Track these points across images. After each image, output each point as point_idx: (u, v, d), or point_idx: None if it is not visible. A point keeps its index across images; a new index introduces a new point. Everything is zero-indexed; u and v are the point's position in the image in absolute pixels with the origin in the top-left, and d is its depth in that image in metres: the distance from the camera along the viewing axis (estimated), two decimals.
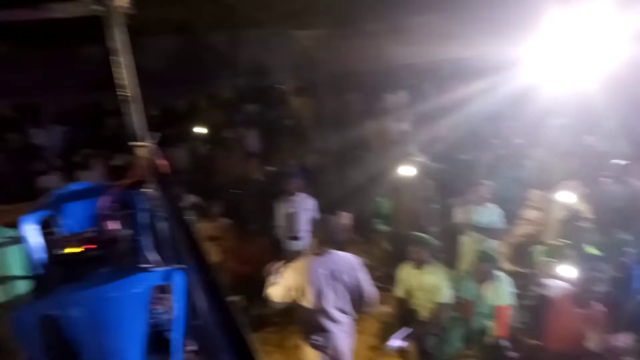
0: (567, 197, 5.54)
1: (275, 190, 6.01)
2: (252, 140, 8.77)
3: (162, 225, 1.83)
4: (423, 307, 4.38)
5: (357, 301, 3.66)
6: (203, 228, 5.69)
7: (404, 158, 6.78)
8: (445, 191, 6.31)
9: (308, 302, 3.53)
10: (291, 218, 5.52)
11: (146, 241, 1.75)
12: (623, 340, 4.14)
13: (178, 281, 1.64)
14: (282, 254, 5.75)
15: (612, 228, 4.85)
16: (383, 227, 6.52)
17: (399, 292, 4.51)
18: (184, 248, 1.80)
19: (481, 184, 5.51)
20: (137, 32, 2.09)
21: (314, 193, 5.85)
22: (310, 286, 3.51)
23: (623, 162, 6.01)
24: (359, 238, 5.48)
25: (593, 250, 4.63)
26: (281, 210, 5.64)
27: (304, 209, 5.58)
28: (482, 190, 5.41)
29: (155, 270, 1.66)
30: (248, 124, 9.03)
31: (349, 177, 7.32)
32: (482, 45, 8.15)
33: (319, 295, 3.52)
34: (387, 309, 5.07)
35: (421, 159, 7.07)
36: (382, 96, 9.57)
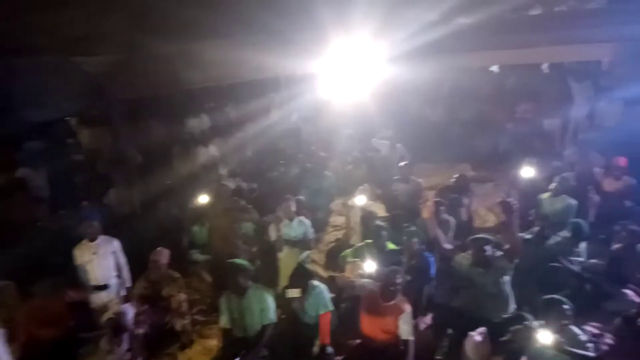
0: (363, 200, 6.15)
1: (70, 237, 5.31)
2: (38, 181, 7.61)
3: None
4: (250, 332, 4.33)
5: None
6: None
7: (215, 182, 6.69)
8: (258, 210, 6.41)
9: None
10: (93, 265, 4.92)
11: None
12: (426, 322, 4.73)
13: None
14: (87, 308, 5.10)
15: (403, 222, 5.52)
16: (201, 257, 6.31)
17: (223, 322, 4.36)
18: None
19: (289, 198, 5.74)
20: None
21: (119, 233, 5.33)
22: None
23: (403, 164, 6.95)
24: (177, 273, 5.14)
25: (392, 246, 5.20)
26: (80, 258, 4.97)
27: (107, 252, 5.03)
28: (291, 204, 5.64)
29: None
30: (31, 164, 7.80)
31: (158, 210, 6.89)
32: (277, 66, 8.56)
33: None
34: (214, 342, 4.89)
35: (231, 181, 7.07)
36: (183, 121, 9.31)
